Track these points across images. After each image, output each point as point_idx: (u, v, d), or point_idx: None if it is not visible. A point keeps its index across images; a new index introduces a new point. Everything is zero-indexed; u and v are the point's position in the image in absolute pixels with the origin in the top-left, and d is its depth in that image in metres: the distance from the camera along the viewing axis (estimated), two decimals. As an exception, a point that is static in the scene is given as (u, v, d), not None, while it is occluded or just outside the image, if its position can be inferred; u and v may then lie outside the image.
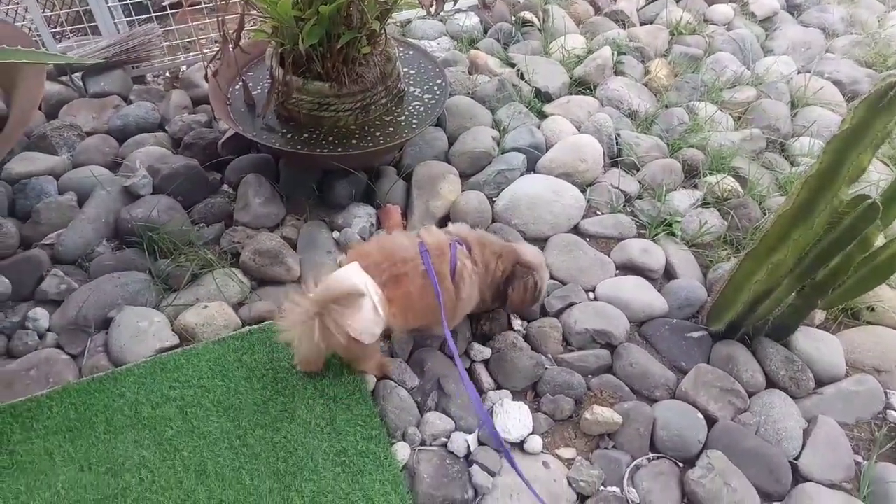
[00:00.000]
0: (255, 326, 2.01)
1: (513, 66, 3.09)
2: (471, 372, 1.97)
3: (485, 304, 1.96)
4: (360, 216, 2.35)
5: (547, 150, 2.64)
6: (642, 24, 3.52)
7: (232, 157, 2.52)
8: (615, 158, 2.66)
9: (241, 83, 2.50)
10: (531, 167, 2.60)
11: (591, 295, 2.20)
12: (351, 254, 1.74)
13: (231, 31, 2.21)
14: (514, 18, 3.44)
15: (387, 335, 1.81)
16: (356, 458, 1.72)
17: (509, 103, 2.82)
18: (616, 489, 1.74)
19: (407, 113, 2.48)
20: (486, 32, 3.39)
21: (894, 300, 2.12)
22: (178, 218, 2.26)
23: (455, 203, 2.39)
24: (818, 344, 2.02)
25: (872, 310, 2.11)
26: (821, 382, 1.97)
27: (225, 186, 2.47)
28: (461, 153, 2.58)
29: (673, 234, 2.36)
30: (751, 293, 1.81)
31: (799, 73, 3.18)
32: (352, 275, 1.58)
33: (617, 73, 3.08)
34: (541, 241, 2.33)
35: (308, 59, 2.25)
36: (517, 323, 2.09)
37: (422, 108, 2.50)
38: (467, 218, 2.32)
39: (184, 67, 3.08)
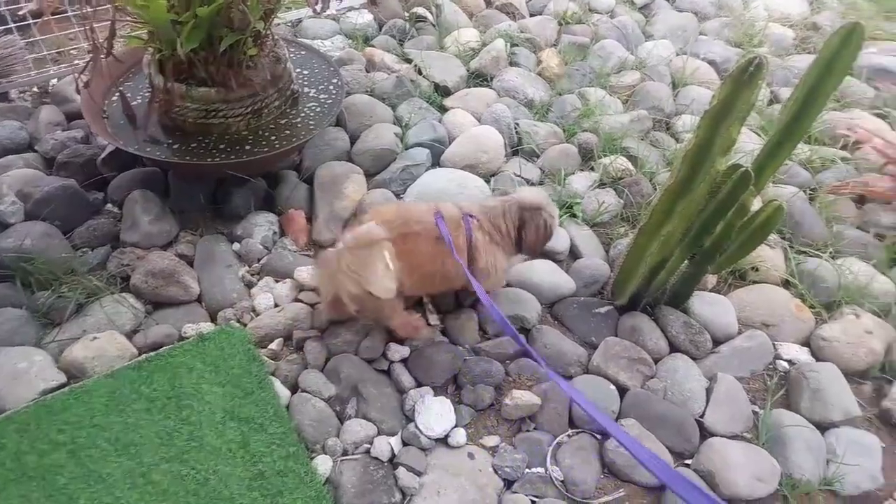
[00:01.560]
0: (153, 353, 1.89)
1: (409, 61, 3.09)
2: (390, 372, 1.95)
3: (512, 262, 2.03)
4: (261, 225, 2.27)
5: (450, 143, 2.66)
6: (532, 15, 3.61)
7: (114, 174, 2.36)
8: (516, 147, 2.72)
9: (117, 94, 2.34)
10: (435, 161, 2.61)
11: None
12: (370, 213, 1.85)
13: (102, 39, 2.06)
14: (407, 14, 3.44)
15: (411, 301, 1.96)
16: (275, 479, 1.65)
17: (409, 99, 2.81)
18: (540, 469, 1.78)
19: (303, 114, 2.42)
20: (380, 29, 3.36)
21: (774, 259, 2.30)
22: (57, 244, 2.09)
23: (361, 202, 2.36)
24: (712, 306, 2.15)
25: (756, 269, 2.27)
26: (717, 342, 2.10)
27: (109, 206, 2.31)
28: (364, 152, 2.55)
29: (575, 216, 2.44)
30: (647, 266, 1.90)
31: (677, 55, 3.36)
32: (368, 230, 1.73)
33: (511, 64, 3.14)
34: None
35: (190, 65, 2.14)
36: (433, 318, 2.09)
37: (318, 109, 2.45)
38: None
39: (54, 81, 2.85)
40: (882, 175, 2.62)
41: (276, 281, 2.15)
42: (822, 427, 1.89)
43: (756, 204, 1.78)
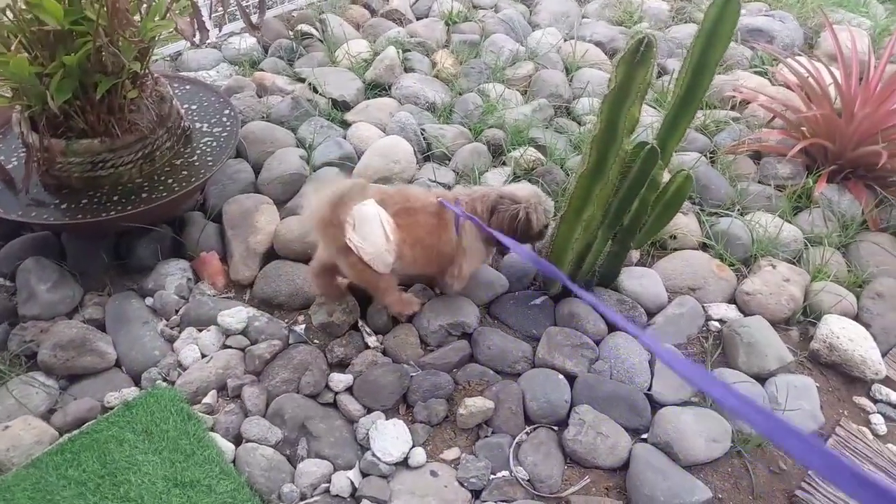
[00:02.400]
0: (77, 432, 1.72)
1: (303, 80, 3.00)
2: (336, 404, 1.88)
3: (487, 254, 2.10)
4: (173, 273, 2.13)
5: (359, 158, 2.60)
6: (418, 18, 3.60)
7: (0, 245, 2.15)
8: (426, 153, 2.69)
9: (-13, 159, 2.13)
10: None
11: (437, 291, 2.20)
12: (370, 192, 1.87)
13: (-43, 103, 1.87)
14: (292, 33, 3.34)
15: (404, 283, 2.06)
16: (233, 539, 1.55)
17: (309, 119, 2.73)
18: (505, 473, 1.76)
19: (199, 151, 2.29)
20: (266, 52, 3.25)
21: (689, 224, 2.39)
22: (-57, 333, 1.88)
23: (277, 233, 2.26)
24: (640, 280, 2.21)
25: (675, 238, 2.35)
26: (651, 313, 2.16)
27: (-1, 280, 2.10)
28: (270, 180, 2.45)
29: (495, 213, 2.44)
30: (573, 251, 1.92)
31: (565, 41, 3.45)
32: (367, 207, 1.79)
33: (407, 70, 3.12)
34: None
35: (66, 117, 1.98)
36: (371, 339, 2.03)
37: (214, 144, 2.32)
38: (292, 245, 2.21)
39: None
40: (771, 129, 2.79)
41: (200, 330, 2.02)
42: (761, 378, 1.97)
43: (665, 176, 1.83)
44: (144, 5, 1.99)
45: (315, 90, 2.93)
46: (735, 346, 2.02)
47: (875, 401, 1.99)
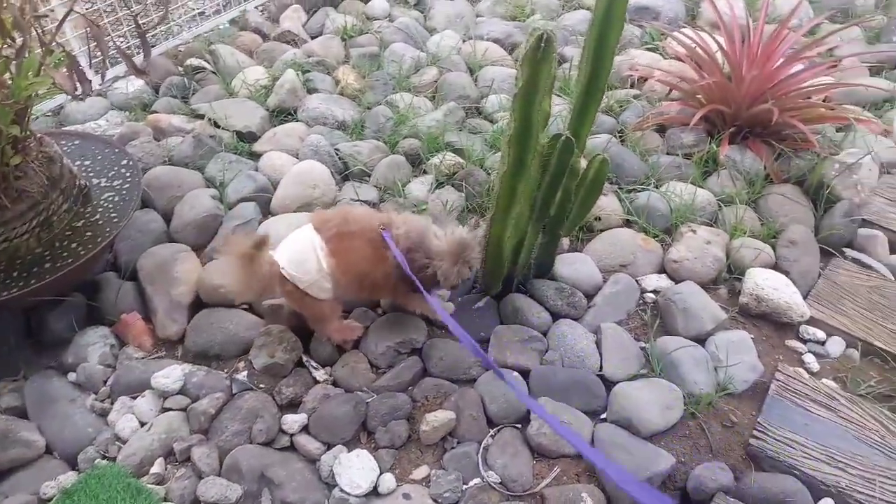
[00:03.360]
0: (14, 534, 1.58)
1: (201, 117, 2.87)
2: (293, 446, 1.81)
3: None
4: (94, 343, 1.99)
5: (275, 188, 2.52)
6: (313, 37, 3.53)
7: None
8: (344, 173, 2.64)
9: None
10: (267, 212, 2.46)
11: (380, 311, 2.16)
12: (313, 215, 1.89)
13: None
14: (181, 69, 3.20)
15: (345, 308, 2.02)
16: None
17: (215, 156, 2.62)
18: (477, 480, 1.75)
19: (101, 209, 2.15)
20: (157, 92, 3.09)
21: (611, 204, 2.45)
22: None
23: (200, 281, 2.14)
24: (574, 265, 2.25)
25: (599, 219, 2.41)
26: (589, 296, 2.20)
27: None
28: (184, 226, 2.33)
29: (424, 222, 2.43)
30: (508, 250, 1.93)
31: (464, 41, 3.48)
32: (302, 232, 1.81)
33: (310, 91, 3.05)
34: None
35: (-57, 194, 1.80)
36: (319, 373, 1.97)
37: (116, 198, 2.18)
38: (219, 290, 2.10)
39: None
40: (671, 101, 2.92)
41: (134, 398, 1.90)
42: (701, 339, 2.05)
43: (582, 163, 1.87)
44: (14, 63, 1.84)
45: (216, 125, 2.81)
46: (672, 313, 2.10)
47: (804, 341, 2.11)
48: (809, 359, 2.05)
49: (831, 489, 1.71)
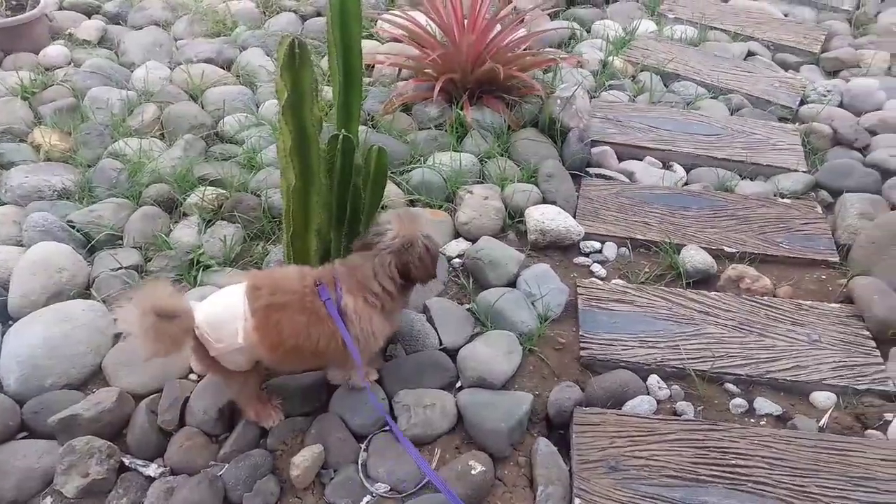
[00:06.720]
0: None
1: None
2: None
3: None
4: None
5: (6, 289, 2.08)
6: (-17, 105, 2.92)
7: None
8: (89, 245, 2.27)
9: None
10: (7, 319, 2.03)
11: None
12: (246, 276, 1.68)
13: None
14: None
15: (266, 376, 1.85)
16: None
17: None
18: (367, 497, 1.69)
19: None
20: None
21: (392, 190, 2.48)
22: None
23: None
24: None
25: (385, 207, 2.43)
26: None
27: None
28: None
29: (209, 267, 2.21)
30: (317, 263, 1.86)
31: (172, 69, 3.20)
32: (234, 293, 1.60)
33: (5, 167, 2.57)
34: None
35: None
36: (150, 469, 1.71)
37: None
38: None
39: None
40: (405, 81, 3.05)
41: None
42: (512, 283, 2.23)
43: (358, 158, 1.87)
44: None
45: None
46: (481, 269, 2.23)
47: (587, 255, 2.43)
48: (596, 268, 2.37)
49: (652, 366, 2.01)
